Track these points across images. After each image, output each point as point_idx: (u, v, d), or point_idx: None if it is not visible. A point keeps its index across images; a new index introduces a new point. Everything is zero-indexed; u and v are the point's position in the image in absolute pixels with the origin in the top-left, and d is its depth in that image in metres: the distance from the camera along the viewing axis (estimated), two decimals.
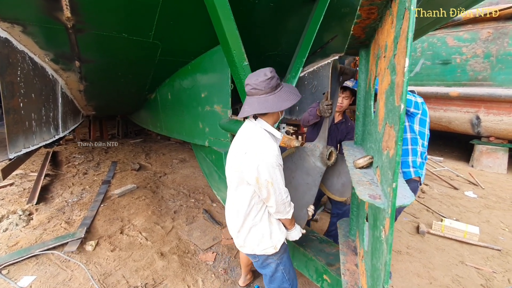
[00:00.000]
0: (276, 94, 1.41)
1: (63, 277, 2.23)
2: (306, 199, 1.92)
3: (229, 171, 1.57)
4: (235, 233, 1.60)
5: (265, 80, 1.39)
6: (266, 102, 1.39)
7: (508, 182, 5.00)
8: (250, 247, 1.57)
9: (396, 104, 0.67)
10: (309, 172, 1.96)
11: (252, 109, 1.41)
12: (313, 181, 1.95)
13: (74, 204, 3.54)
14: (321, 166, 1.96)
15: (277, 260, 1.61)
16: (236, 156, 1.50)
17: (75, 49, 2.73)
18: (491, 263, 2.65)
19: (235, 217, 1.56)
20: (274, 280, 1.65)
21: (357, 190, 0.80)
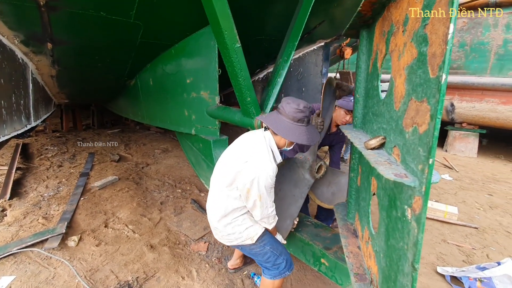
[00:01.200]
0: (294, 126, 1.52)
1: (45, 276, 2.08)
2: (291, 211, 1.96)
3: (224, 168, 1.61)
4: (214, 224, 1.66)
5: (295, 109, 1.51)
6: (283, 125, 1.52)
7: (479, 165, 5.33)
8: (227, 240, 1.64)
9: (430, 76, 0.63)
10: (297, 184, 2.01)
11: (270, 122, 1.55)
12: (300, 193, 2.00)
13: (50, 198, 3.31)
14: (310, 178, 2.01)
15: (260, 244, 1.64)
16: (236, 160, 1.55)
17: (47, 30, 2.47)
18: (470, 240, 2.81)
19: (217, 212, 1.61)
20: (267, 260, 1.67)
21: (379, 170, 0.77)
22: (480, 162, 5.54)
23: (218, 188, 1.62)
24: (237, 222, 1.60)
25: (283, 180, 2.01)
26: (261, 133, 1.63)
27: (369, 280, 1.14)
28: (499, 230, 3.02)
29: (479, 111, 5.68)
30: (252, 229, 1.62)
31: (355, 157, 1.61)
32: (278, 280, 1.68)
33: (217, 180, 1.64)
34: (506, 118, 5.36)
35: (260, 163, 1.48)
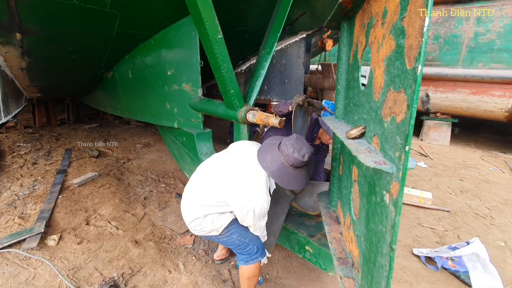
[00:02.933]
0: (294, 172, 1.55)
1: (25, 276, 2.01)
2: (274, 227, 2.02)
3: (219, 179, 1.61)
4: (186, 212, 1.68)
5: (296, 158, 1.51)
6: (285, 174, 1.53)
7: (451, 153, 5.64)
8: (194, 230, 1.68)
9: (407, 67, 0.66)
10: (278, 201, 2.07)
11: (270, 167, 1.53)
12: (282, 210, 2.06)
13: (26, 197, 3.17)
14: (290, 194, 2.09)
15: (227, 234, 1.68)
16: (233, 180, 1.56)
17: (15, 18, 2.31)
18: (443, 223, 3.00)
19: (193, 204, 1.64)
20: (237, 247, 1.71)
21: (359, 158, 0.81)
22: (452, 150, 5.85)
23: (205, 189, 1.63)
24: (207, 219, 1.63)
25: None
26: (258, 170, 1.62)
27: (350, 263, 1.20)
28: (468, 213, 3.23)
29: (451, 101, 5.96)
30: (218, 221, 1.64)
31: (337, 147, 1.66)
32: (252, 265, 1.71)
33: (207, 181, 1.64)
34: (476, 108, 5.67)
35: (256, 196, 1.51)
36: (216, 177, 1.63)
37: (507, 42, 5.11)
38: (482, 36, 5.38)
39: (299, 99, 2.01)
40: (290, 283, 2.08)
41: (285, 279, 2.11)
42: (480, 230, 2.88)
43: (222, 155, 1.76)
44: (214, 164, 1.71)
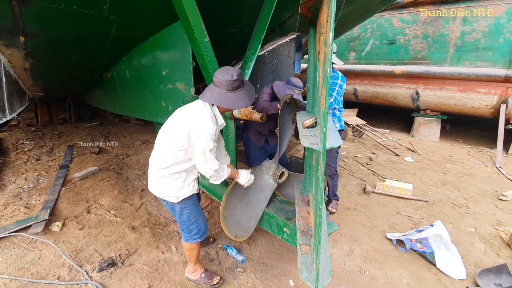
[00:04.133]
0: (234, 94, 1.66)
1: (31, 257, 2.24)
2: (256, 212, 2.24)
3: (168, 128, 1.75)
4: (151, 174, 1.83)
5: (229, 80, 1.63)
6: (224, 98, 1.64)
7: (439, 148, 5.83)
8: (156, 189, 1.81)
9: (326, 69, 0.87)
10: (261, 189, 2.29)
11: (211, 99, 1.66)
12: (264, 197, 2.28)
13: (31, 189, 3.39)
14: (273, 183, 2.32)
15: (181, 205, 1.82)
16: (179, 119, 1.71)
17: (19, 23, 2.53)
18: (420, 212, 3.20)
19: (156, 162, 1.78)
20: (183, 222, 1.87)
21: (302, 141, 1.02)
22: (441, 146, 6.04)
23: (162, 144, 1.74)
24: (170, 179, 1.74)
25: (250, 186, 2.28)
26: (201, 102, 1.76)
27: (309, 234, 1.41)
28: (446, 203, 3.43)
29: (440, 98, 6.16)
30: (181, 190, 1.77)
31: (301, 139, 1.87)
32: (189, 243, 1.90)
33: (162, 138, 1.77)
34: (463, 105, 5.87)
35: (199, 118, 1.64)
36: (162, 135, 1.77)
37: (491, 41, 5.30)
38: (468, 35, 5.57)
39: (287, 97, 2.19)
40: (271, 262, 2.29)
41: (266, 259, 2.33)
42: (454, 218, 3.08)
43: None
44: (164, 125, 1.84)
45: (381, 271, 2.24)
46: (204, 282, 2.01)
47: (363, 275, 2.18)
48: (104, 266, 2.13)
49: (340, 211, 3.12)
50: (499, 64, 5.24)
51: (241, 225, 2.19)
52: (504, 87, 5.24)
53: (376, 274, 2.20)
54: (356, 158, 4.98)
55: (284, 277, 2.13)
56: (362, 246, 2.53)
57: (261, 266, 2.24)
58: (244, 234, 2.21)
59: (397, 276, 2.18)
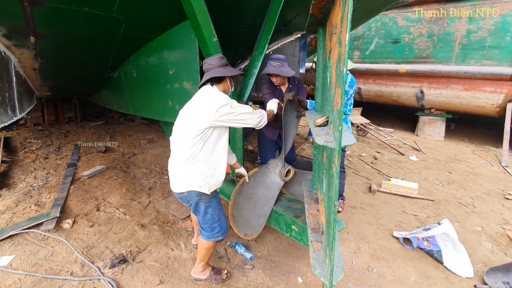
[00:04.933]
0: (225, 68, 1.87)
1: (44, 253, 2.28)
2: (264, 210, 2.27)
3: (184, 118, 1.80)
4: (175, 167, 1.80)
5: (217, 58, 1.87)
6: (219, 71, 1.83)
7: (444, 147, 5.82)
8: (185, 184, 1.77)
9: (341, 69, 0.89)
10: (269, 187, 2.32)
11: (208, 76, 1.82)
12: (272, 195, 2.31)
13: (40, 187, 3.45)
14: (280, 181, 2.35)
15: (207, 203, 1.84)
16: (198, 106, 1.76)
17: (30, 24, 2.57)
18: (426, 211, 3.21)
19: (182, 154, 1.75)
20: (206, 221, 1.87)
21: (316, 139, 1.04)
22: (446, 145, 6.03)
23: (187, 136, 1.73)
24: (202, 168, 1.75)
25: (257, 185, 2.34)
26: (205, 88, 1.86)
27: (320, 231, 1.44)
28: (452, 201, 3.44)
29: (445, 97, 6.14)
30: (212, 180, 1.79)
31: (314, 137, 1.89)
32: (211, 241, 1.91)
33: (183, 130, 1.77)
34: (469, 103, 5.85)
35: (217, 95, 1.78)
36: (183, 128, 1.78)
37: (498, 39, 5.27)
38: (474, 33, 5.54)
39: (289, 95, 2.22)
40: (279, 259, 2.32)
41: (274, 256, 2.35)
42: (460, 217, 3.09)
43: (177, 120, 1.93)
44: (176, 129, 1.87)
45: (388, 268, 2.25)
46: (215, 279, 2.04)
47: (370, 273, 2.20)
48: (116, 263, 2.16)
49: (346, 209, 3.13)
50: (505, 62, 5.22)
51: (250, 224, 2.22)
52: (510, 86, 5.21)
53: (384, 271, 2.22)
54: (361, 157, 4.99)
55: (292, 274, 2.16)
56: (369, 244, 2.55)
57: (270, 263, 2.27)
58: (254, 232, 2.24)
59: (404, 274, 2.20)
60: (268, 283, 2.07)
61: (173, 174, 1.84)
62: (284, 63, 2.42)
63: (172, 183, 1.87)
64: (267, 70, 2.41)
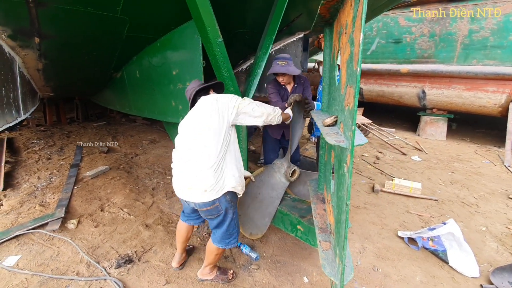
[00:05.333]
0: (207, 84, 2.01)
1: (50, 254, 2.28)
2: (269, 209, 2.28)
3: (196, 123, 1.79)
4: (203, 175, 1.67)
5: (195, 82, 2.06)
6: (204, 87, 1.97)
7: (446, 147, 5.82)
8: (219, 186, 1.69)
9: (354, 68, 0.90)
10: (274, 187, 2.33)
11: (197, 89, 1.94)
12: (277, 195, 2.32)
13: (44, 188, 3.45)
14: (285, 181, 2.35)
15: (234, 209, 1.82)
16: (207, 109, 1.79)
17: (35, 24, 2.58)
18: (430, 210, 3.21)
19: (205, 161, 1.67)
20: (228, 228, 1.81)
21: (326, 139, 1.04)
22: (448, 145, 6.03)
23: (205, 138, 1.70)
24: (231, 166, 1.74)
25: (262, 184, 2.35)
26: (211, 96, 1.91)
27: (329, 231, 1.44)
28: (455, 201, 3.44)
29: (447, 97, 6.13)
30: (242, 181, 1.80)
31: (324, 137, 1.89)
32: (223, 248, 1.88)
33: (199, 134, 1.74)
34: (470, 103, 5.85)
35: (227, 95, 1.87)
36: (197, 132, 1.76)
37: (500, 39, 5.27)
38: (476, 33, 5.54)
39: (296, 97, 2.20)
40: (284, 259, 2.32)
41: (280, 256, 2.36)
42: (464, 217, 3.09)
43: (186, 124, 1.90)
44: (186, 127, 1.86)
45: (393, 268, 2.25)
46: (221, 279, 2.04)
47: (376, 273, 2.20)
48: (122, 263, 2.17)
49: (350, 209, 3.13)
50: (508, 62, 5.22)
51: (255, 223, 2.23)
52: None
53: (389, 271, 2.22)
54: (363, 157, 4.99)
55: (298, 274, 2.16)
56: (373, 244, 2.55)
57: (275, 264, 2.27)
58: (259, 232, 2.25)
59: (410, 274, 2.20)
60: (274, 283, 2.07)
61: (199, 181, 1.68)
62: (290, 61, 2.43)
63: (197, 192, 1.70)
64: (274, 70, 2.42)
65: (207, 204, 1.72)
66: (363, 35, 0.80)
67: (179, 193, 1.83)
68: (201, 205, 1.74)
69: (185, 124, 1.87)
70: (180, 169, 1.80)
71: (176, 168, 1.85)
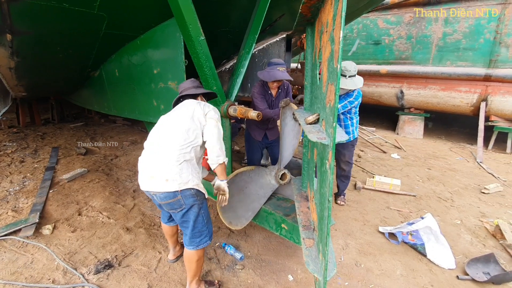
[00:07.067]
0: (198, 88, 2.10)
1: (23, 261, 2.16)
2: (254, 205, 2.29)
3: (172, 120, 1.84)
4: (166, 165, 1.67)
5: (190, 82, 2.11)
6: (197, 90, 2.06)
7: (423, 145, 6.05)
8: (184, 179, 1.67)
9: (334, 66, 0.91)
10: (263, 186, 2.35)
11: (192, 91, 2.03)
12: (264, 193, 2.34)
13: (17, 192, 3.27)
14: (275, 183, 2.37)
15: (200, 205, 1.77)
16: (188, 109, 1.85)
17: (6, 20, 2.43)
18: (409, 206, 3.33)
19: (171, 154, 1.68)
20: (197, 226, 1.78)
21: (308, 136, 1.05)
22: (424, 143, 6.28)
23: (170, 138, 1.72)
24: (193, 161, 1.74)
25: (251, 180, 2.34)
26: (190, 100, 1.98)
27: (312, 228, 1.45)
28: (432, 197, 3.58)
29: (424, 97, 6.39)
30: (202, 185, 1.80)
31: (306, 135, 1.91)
32: (199, 249, 1.82)
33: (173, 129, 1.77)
34: (445, 103, 6.12)
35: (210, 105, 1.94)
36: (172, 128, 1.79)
37: (472, 42, 5.55)
38: (449, 36, 5.81)
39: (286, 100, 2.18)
40: (269, 258, 2.32)
41: (265, 255, 2.36)
42: (440, 211, 3.22)
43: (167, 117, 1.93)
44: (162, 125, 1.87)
45: (375, 263, 2.31)
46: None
47: (359, 268, 2.25)
48: (101, 268, 2.09)
49: (334, 207, 3.19)
50: (479, 63, 5.50)
51: (237, 214, 2.21)
52: (484, 86, 5.50)
53: (371, 266, 2.28)
54: None
55: (283, 272, 2.17)
56: (356, 240, 2.61)
57: (260, 263, 2.27)
58: (239, 223, 2.22)
59: (391, 268, 2.27)
60: (259, 283, 2.06)
61: (163, 170, 1.66)
62: (285, 67, 2.46)
63: (160, 182, 1.66)
64: (276, 76, 2.41)
65: (169, 196, 1.68)
66: (342, 32, 0.82)
67: (142, 185, 1.77)
68: (162, 197, 1.70)
69: (164, 119, 1.92)
70: (146, 160, 1.77)
71: (142, 160, 1.81)
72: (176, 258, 2.25)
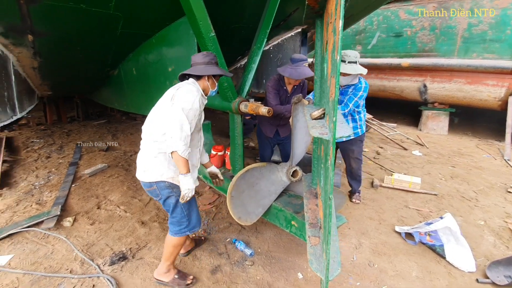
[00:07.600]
0: (206, 66, 1.83)
1: (44, 252, 2.29)
2: (264, 202, 2.25)
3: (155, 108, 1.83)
4: (145, 156, 1.78)
5: (201, 55, 1.86)
6: (198, 69, 1.83)
7: (448, 142, 5.75)
8: (159, 171, 1.74)
9: (336, 58, 0.87)
10: (274, 183, 2.32)
11: (195, 71, 1.83)
12: (275, 190, 2.30)
13: (42, 186, 3.46)
14: (286, 180, 2.33)
15: (177, 196, 1.78)
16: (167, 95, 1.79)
17: (26, 21, 2.56)
18: (429, 205, 3.18)
19: (150, 145, 1.76)
20: (175, 215, 1.84)
21: (311, 131, 1.02)
22: (449, 139, 5.96)
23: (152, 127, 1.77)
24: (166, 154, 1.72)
25: (262, 177, 2.32)
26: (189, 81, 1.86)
27: (318, 226, 1.42)
28: (455, 196, 3.40)
29: (448, 91, 6.06)
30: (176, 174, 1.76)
31: None
32: (177, 237, 1.86)
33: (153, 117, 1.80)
34: (472, 97, 5.77)
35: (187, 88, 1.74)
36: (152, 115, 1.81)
37: (499, 33, 5.18)
38: (475, 27, 5.45)
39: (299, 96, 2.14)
40: (280, 255, 2.30)
41: (275, 252, 2.34)
42: (463, 211, 3.05)
43: None
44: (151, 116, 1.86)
45: (390, 264, 2.23)
46: (178, 283, 1.94)
47: (372, 268, 2.18)
48: (115, 260, 2.17)
49: (348, 205, 3.11)
50: (506, 55, 5.14)
51: (247, 210, 2.20)
52: (511, 79, 5.12)
53: (385, 267, 2.20)
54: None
55: (292, 270, 2.15)
56: (370, 240, 2.53)
57: (270, 260, 2.26)
58: (248, 219, 2.21)
59: (406, 269, 2.18)
60: (268, 279, 2.06)
61: (142, 161, 1.80)
62: (307, 62, 2.42)
63: (140, 171, 1.81)
64: (306, 73, 2.34)
65: (146, 185, 1.82)
66: (342, 22, 0.78)
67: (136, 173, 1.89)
68: (143, 185, 1.85)
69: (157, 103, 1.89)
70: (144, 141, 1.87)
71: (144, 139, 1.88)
72: (187, 252, 2.30)
